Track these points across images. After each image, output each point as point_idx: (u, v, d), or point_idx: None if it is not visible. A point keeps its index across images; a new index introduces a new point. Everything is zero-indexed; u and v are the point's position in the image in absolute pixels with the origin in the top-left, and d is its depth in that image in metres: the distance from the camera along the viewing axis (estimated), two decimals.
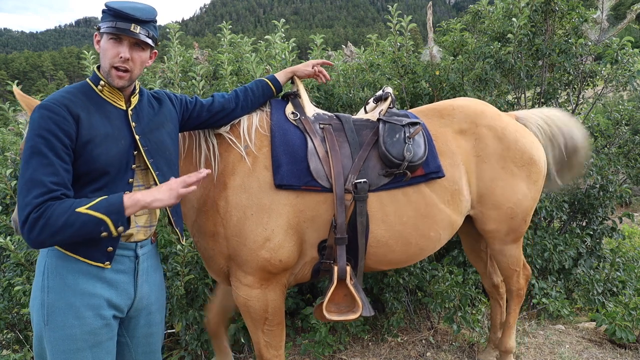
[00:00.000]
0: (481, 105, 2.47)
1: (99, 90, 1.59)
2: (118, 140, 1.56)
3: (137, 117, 1.66)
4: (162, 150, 1.70)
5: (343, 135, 2.15)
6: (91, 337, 1.51)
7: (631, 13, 3.73)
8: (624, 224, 6.33)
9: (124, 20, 1.53)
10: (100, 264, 1.53)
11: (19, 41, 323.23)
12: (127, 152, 1.59)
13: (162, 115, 1.78)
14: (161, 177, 1.67)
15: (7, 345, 3.23)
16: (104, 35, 1.56)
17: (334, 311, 2.09)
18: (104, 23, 1.55)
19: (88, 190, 1.50)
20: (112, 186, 1.53)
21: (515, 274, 2.62)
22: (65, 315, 1.49)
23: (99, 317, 1.53)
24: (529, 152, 2.40)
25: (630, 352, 3.14)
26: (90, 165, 1.48)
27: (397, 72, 3.86)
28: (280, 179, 1.97)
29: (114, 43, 1.55)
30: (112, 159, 1.53)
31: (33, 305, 1.55)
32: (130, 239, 1.62)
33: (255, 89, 2.16)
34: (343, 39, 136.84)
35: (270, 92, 2.21)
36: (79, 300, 1.50)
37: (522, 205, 2.41)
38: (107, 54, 1.56)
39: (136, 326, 1.69)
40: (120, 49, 1.55)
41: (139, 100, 1.71)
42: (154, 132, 1.70)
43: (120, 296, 1.59)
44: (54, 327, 1.49)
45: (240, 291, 2.06)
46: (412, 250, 2.23)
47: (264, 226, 1.96)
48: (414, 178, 2.14)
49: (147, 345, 1.73)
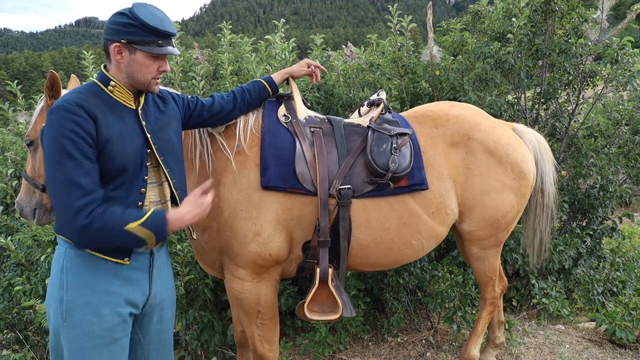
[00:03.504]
0: (476, 117, 2.47)
1: (110, 91, 1.60)
2: (132, 139, 1.59)
3: (146, 116, 1.69)
4: (170, 147, 1.74)
5: (332, 140, 2.20)
6: (109, 334, 1.53)
7: (631, 13, 3.73)
8: (624, 224, 6.32)
9: (166, 38, 1.59)
10: (120, 261, 1.56)
11: (19, 41, 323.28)
12: (141, 150, 1.62)
13: (168, 114, 1.81)
14: (171, 173, 1.71)
15: (7, 345, 3.23)
16: (138, 52, 1.56)
17: (316, 311, 2.16)
18: (137, 37, 1.54)
19: (109, 188, 1.52)
20: (129, 184, 1.57)
21: (491, 282, 2.64)
22: (83, 312, 1.51)
23: (116, 315, 1.55)
24: (519, 166, 2.43)
25: (630, 352, 3.14)
26: (110, 164, 1.51)
27: (397, 72, 3.86)
28: (267, 180, 2.04)
29: (155, 58, 1.60)
30: (129, 157, 1.56)
31: (50, 302, 1.56)
32: None
33: (252, 90, 2.19)
34: (343, 39, 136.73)
35: (267, 93, 2.24)
36: (97, 298, 1.52)
37: (508, 216, 2.45)
38: (149, 69, 1.60)
39: (149, 323, 1.71)
40: (161, 63, 1.62)
41: (145, 100, 1.73)
42: (162, 131, 1.73)
43: (136, 293, 1.62)
44: (72, 324, 1.51)
45: (232, 284, 2.13)
46: (394, 256, 2.28)
47: (254, 221, 2.03)
48: (398, 188, 2.18)
49: (159, 341, 1.74)
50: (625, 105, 4.42)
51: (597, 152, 4.03)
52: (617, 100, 4.70)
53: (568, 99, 4.15)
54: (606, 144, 4.19)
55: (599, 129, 4.16)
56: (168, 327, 1.78)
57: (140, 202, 1.60)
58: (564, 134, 4.00)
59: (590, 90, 4.16)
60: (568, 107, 4.13)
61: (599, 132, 4.16)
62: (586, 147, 3.97)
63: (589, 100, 4.11)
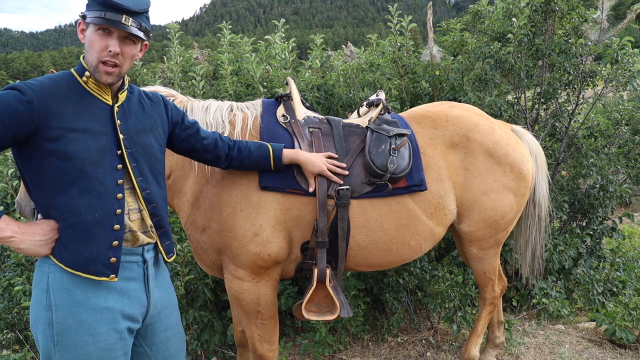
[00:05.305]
0: (476, 118, 2.47)
1: (84, 82, 1.46)
2: (99, 137, 1.43)
3: (123, 115, 1.52)
4: (148, 155, 1.56)
5: (331, 141, 2.19)
6: (106, 354, 1.42)
7: (631, 13, 3.73)
8: (624, 224, 6.33)
9: (114, 11, 1.39)
10: (105, 278, 1.41)
11: (19, 41, 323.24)
12: (110, 150, 1.45)
13: (152, 118, 1.63)
14: (143, 183, 1.53)
15: (7, 345, 3.23)
16: (90, 26, 1.41)
17: (314, 311, 2.16)
18: (91, 12, 1.40)
19: (75, 191, 1.38)
20: (100, 188, 1.42)
21: (490, 282, 2.64)
22: (77, 333, 1.39)
23: (113, 331, 1.43)
24: (518, 167, 2.43)
25: (630, 352, 3.14)
26: (67, 162, 1.37)
27: (397, 72, 3.86)
28: (265, 181, 2.04)
29: (102, 35, 1.41)
30: (91, 156, 1.40)
31: (37, 325, 1.42)
32: (136, 244, 1.53)
33: (255, 152, 1.96)
34: (343, 39, 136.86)
35: (267, 164, 1.98)
36: (91, 317, 1.40)
37: (507, 216, 2.45)
38: (94, 46, 1.41)
39: (153, 333, 1.60)
40: (109, 42, 1.41)
41: (127, 98, 1.57)
42: (141, 135, 1.56)
43: (134, 305, 1.50)
44: (66, 347, 1.38)
45: (232, 284, 2.13)
46: (392, 256, 2.28)
47: (252, 221, 2.03)
48: (397, 189, 2.18)
49: (166, 349, 1.64)
50: (625, 105, 4.42)
51: (597, 152, 4.03)
52: (617, 100, 4.69)
53: (568, 99, 4.15)
54: (606, 144, 4.19)
55: (599, 129, 4.16)
56: (174, 333, 1.66)
57: (119, 209, 1.45)
58: (564, 134, 4.00)
59: (590, 90, 4.15)
60: (568, 107, 4.13)
61: (599, 132, 4.16)
62: (586, 147, 3.97)
63: (589, 100, 4.11)
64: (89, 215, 1.40)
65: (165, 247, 1.63)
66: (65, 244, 1.40)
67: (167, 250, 1.64)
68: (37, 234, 1.39)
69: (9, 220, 1.37)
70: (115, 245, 1.44)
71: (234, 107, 2.24)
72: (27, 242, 1.38)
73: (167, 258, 1.64)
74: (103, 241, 1.42)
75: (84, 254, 1.40)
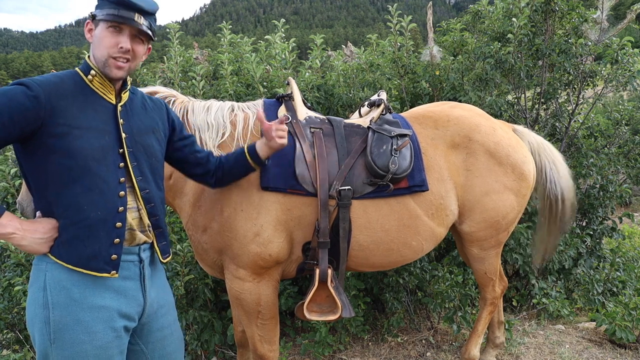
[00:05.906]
0: (477, 118, 2.47)
1: (89, 81, 1.49)
2: (102, 135, 1.46)
3: (126, 115, 1.55)
4: (148, 155, 1.59)
5: (332, 141, 2.19)
6: (103, 352, 1.43)
7: (631, 13, 3.73)
8: (624, 224, 6.32)
9: (128, 9, 1.45)
10: (106, 274, 1.44)
11: (19, 41, 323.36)
12: (112, 149, 1.48)
13: (154, 120, 1.67)
14: (143, 182, 1.55)
15: (7, 345, 3.23)
16: (100, 23, 1.46)
17: (315, 311, 2.16)
18: (103, 10, 1.45)
19: (78, 189, 1.41)
20: (103, 185, 1.44)
21: (491, 283, 2.64)
22: (74, 331, 1.40)
23: (110, 330, 1.45)
24: (520, 167, 2.43)
25: (630, 352, 3.14)
26: (71, 159, 1.39)
27: (397, 72, 3.86)
28: (266, 181, 2.03)
29: (113, 32, 1.45)
30: (94, 154, 1.43)
31: (34, 323, 1.43)
32: (133, 243, 1.54)
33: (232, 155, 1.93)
34: (343, 39, 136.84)
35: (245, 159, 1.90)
36: (88, 315, 1.42)
37: (509, 217, 2.45)
38: (105, 42, 1.45)
39: (149, 332, 1.61)
40: (120, 38, 1.46)
41: (130, 98, 1.61)
42: (143, 135, 1.59)
43: (130, 304, 1.52)
44: (63, 345, 1.40)
45: (233, 284, 2.12)
46: (394, 257, 2.28)
47: (253, 221, 2.03)
48: (398, 189, 2.18)
49: (162, 348, 1.65)
50: (625, 105, 4.43)
51: (597, 152, 4.03)
52: (617, 100, 4.70)
53: (568, 99, 4.16)
54: (606, 144, 4.20)
55: (599, 129, 4.16)
56: (170, 332, 1.67)
57: (121, 206, 1.47)
58: (564, 134, 4.00)
59: (590, 90, 4.16)
60: (568, 107, 4.13)
61: (599, 132, 4.16)
62: (586, 147, 3.97)
63: (589, 100, 4.12)
64: (92, 213, 1.42)
65: (161, 248, 1.64)
66: (67, 241, 1.41)
67: (163, 251, 1.65)
68: (37, 232, 1.40)
69: (11, 216, 1.39)
70: (116, 243, 1.46)
71: (235, 107, 2.24)
72: (28, 239, 1.39)
73: (162, 258, 1.65)
74: (105, 238, 1.44)
75: (86, 250, 1.41)
